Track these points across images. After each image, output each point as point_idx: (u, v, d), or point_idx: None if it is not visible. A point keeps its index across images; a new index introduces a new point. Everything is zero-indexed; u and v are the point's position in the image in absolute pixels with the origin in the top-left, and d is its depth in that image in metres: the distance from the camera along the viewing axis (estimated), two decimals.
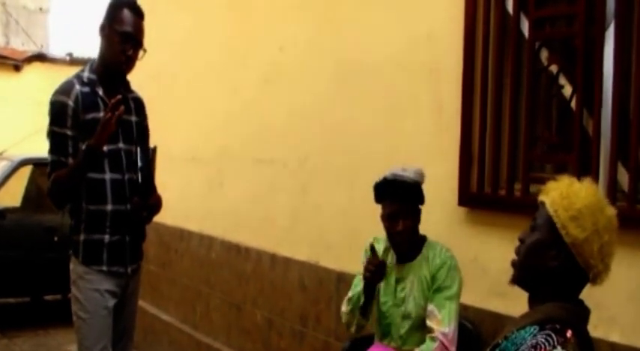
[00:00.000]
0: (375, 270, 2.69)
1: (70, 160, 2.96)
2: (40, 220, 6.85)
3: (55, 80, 3.41)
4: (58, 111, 2.97)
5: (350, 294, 2.85)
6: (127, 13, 3.02)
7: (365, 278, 2.72)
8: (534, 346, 1.67)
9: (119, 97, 2.93)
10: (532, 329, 1.72)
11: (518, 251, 1.87)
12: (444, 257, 2.73)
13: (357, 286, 2.83)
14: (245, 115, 4.64)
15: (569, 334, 1.68)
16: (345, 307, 2.86)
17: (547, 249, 1.77)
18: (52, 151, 3.00)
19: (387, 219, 2.75)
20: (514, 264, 1.87)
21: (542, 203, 1.82)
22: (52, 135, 2.99)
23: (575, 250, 1.73)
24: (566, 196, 1.77)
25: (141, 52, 3.08)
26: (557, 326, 1.69)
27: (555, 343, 1.65)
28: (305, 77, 4.05)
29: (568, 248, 1.73)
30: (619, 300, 2.41)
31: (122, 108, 2.91)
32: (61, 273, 3.66)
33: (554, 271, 1.76)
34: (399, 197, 2.71)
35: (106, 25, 3.04)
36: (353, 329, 2.85)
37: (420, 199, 2.74)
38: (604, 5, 2.50)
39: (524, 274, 1.85)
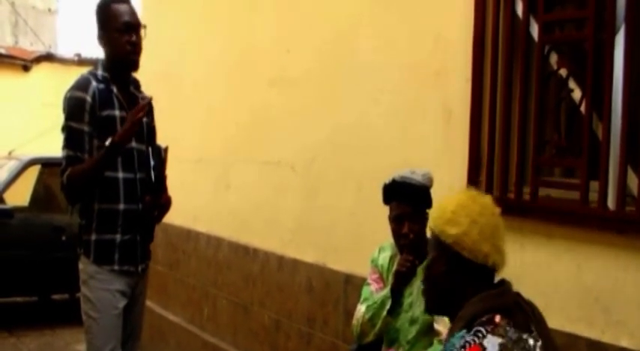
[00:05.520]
0: (411, 265, 2.68)
1: (86, 156, 2.95)
2: (48, 219, 6.88)
3: (64, 80, 3.43)
4: (75, 106, 2.97)
5: (366, 303, 2.79)
6: (115, 7, 3.04)
7: (398, 272, 2.70)
8: (463, 346, 1.68)
9: (150, 97, 2.95)
10: (461, 333, 1.73)
11: (423, 281, 1.96)
12: None
13: (368, 298, 2.81)
14: (252, 117, 4.65)
15: (497, 319, 1.69)
16: (361, 318, 2.78)
17: (439, 262, 1.84)
18: (67, 146, 2.97)
19: (394, 221, 2.75)
20: (423, 293, 1.95)
21: (430, 229, 1.90)
22: (69, 130, 2.98)
23: (458, 247, 1.78)
24: (439, 207, 1.87)
25: (143, 32, 3.09)
26: (483, 318, 1.71)
27: (485, 333, 1.67)
28: (312, 80, 4.06)
29: (452, 249, 1.79)
30: (628, 304, 2.40)
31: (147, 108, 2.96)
32: (69, 272, 3.68)
33: (452, 275, 1.81)
34: (406, 199, 2.71)
35: (103, 33, 3.07)
36: (370, 337, 2.78)
37: (428, 202, 2.74)
38: (614, 9, 2.49)
39: (433, 297, 1.90)
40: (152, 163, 3.03)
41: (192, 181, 5.32)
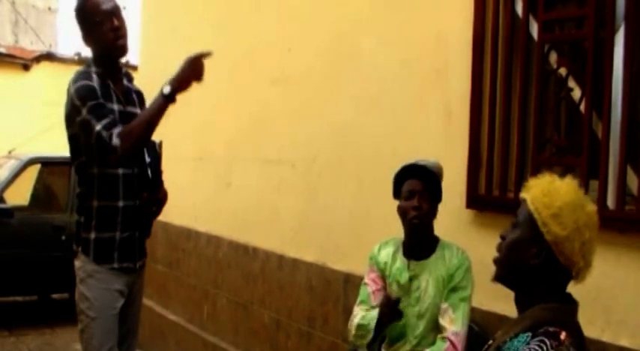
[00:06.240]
0: (390, 310, 2.67)
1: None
2: (47, 218, 6.90)
3: (64, 80, 3.40)
4: (88, 90, 2.93)
5: (360, 314, 2.79)
6: (91, 1, 3.00)
7: (381, 316, 2.69)
8: None
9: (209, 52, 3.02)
10: (525, 337, 1.70)
11: (499, 248, 1.85)
12: (461, 258, 2.71)
13: (365, 301, 2.81)
14: (253, 116, 4.65)
15: (563, 336, 1.66)
16: (354, 330, 2.79)
17: (528, 246, 1.75)
18: (99, 117, 2.88)
19: (405, 197, 2.71)
20: (496, 261, 1.86)
21: (524, 200, 1.80)
22: (92, 108, 2.89)
23: (556, 248, 1.71)
24: (547, 193, 1.76)
25: (123, 12, 3.07)
26: (550, 329, 1.67)
27: (549, 348, 1.63)
28: (313, 78, 4.06)
29: (549, 246, 1.72)
30: (628, 303, 2.41)
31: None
32: (69, 272, 3.65)
33: (536, 269, 1.75)
34: (418, 176, 2.70)
35: (86, 33, 3.05)
36: (365, 342, 2.78)
37: (438, 190, 2.71)
38: (614, 7, 2.49)
39: (505, 271, 1.84)
40: (148, 159, 3.02)
41: (193, 180, 5.32)
